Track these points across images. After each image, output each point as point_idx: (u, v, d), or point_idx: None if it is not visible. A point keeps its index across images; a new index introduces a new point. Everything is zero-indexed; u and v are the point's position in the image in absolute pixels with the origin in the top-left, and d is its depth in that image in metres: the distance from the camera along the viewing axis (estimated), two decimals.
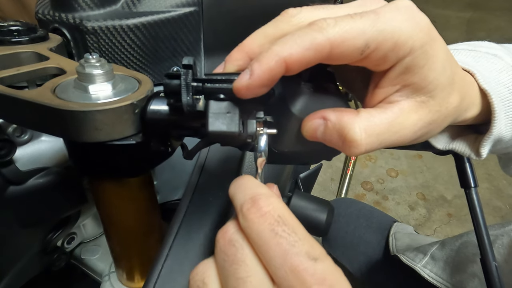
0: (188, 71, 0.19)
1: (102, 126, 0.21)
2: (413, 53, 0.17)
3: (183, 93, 0.19)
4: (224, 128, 0.19)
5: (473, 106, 0.22)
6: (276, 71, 0.16)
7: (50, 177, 0.30)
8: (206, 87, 0.19)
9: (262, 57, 0.17)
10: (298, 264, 0.14)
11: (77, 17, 0.31)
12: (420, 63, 0.17)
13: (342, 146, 0.18)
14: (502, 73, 0.24)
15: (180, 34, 0.35)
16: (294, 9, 0.19)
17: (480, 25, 2.60)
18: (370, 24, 0.16)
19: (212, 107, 0.19)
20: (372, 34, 0.16)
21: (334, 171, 1.50)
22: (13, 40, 0.28)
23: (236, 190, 0.18)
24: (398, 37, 0.16)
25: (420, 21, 0.17)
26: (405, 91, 0.18)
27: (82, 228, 0.43)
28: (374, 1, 0.19)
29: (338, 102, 0.20)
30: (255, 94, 0.18)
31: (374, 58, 0.17)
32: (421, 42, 0.16)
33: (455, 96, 0.19)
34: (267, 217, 0.16)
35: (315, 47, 0.16)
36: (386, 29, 0.16)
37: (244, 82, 0.17)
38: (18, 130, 0.29)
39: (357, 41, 0.16)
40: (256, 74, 0.17)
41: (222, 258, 0.17)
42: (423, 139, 0.21)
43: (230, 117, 0.19)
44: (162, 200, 0.44)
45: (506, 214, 1.35)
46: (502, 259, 0.42)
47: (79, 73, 0.22)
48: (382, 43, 0.16)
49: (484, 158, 0.25)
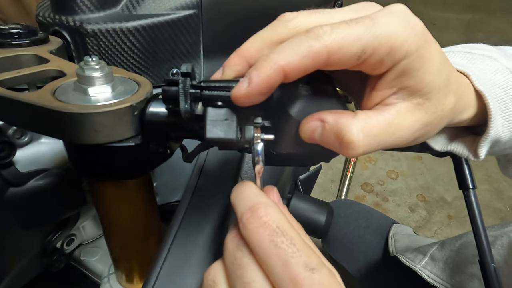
0: (186, 79, 0.19)
1: (101, 128, 0.21)
2: (408, 56, 0.17)
3: (181, 100, 0.19)
4: (222, 135, 0.19)
5: (469, 107, 0.22)
6: (274, 79, 0.17)
7: (50, 179, 0.30)
8: (204, 94, 0.19)
9: (260, 65, 0.17)
10: (297, 274, 0.15)
11: (77, 20, 0.31)
12: (416, 66, 0.17)
13: (340, 148, 0.19)
14: (497, 74, 0.24)
15: (179, 37, 0.35)
16: (291, 14, 0.19)
17: (480, 27, 2.60)
18: (366, 29, 0.16)
19: (210, 114, 0.19)
20: (368, 40, 0.16)
21: (334, 172, 1.50)
22: (13, 43, 0.28)
23: (236, 198, 0.19)
24: (393, 41, 0.16)
25: (415, 25, 0.17)
26: (401, 94, 0.18)
27: (82, 230, 0.43)
28: (369, 6, 0.19)
29: (335, 104, 0.20)
30: (254, 102, 0.18)
31: (371, 62, 0.17)
32: (416, 45, 0.17)
33: (450, 98, 0.20)
34: (266, 227, 0.17)
35: (312, 55, 0.16)
36: (381, 34, 0.16)
37: (242, 90, 0.17)
38: (18, 132, 0.30)
39: (353, 47, 0.16)
40: (254, 82, 0.17)
41: (230, 262, 0.18)
42: (420, 141, 0.21)
43: (228, 124, 0.19)
44: (161, 201, 0.44)
45: (506, 215, 1.35)
46: (502, 260, 0.42)
47: (78, 75, 0.22)
48: (378, 48, 0.16)
49: (482, 159, 0.25)
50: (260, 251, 0.16)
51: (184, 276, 0.24)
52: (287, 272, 0.16)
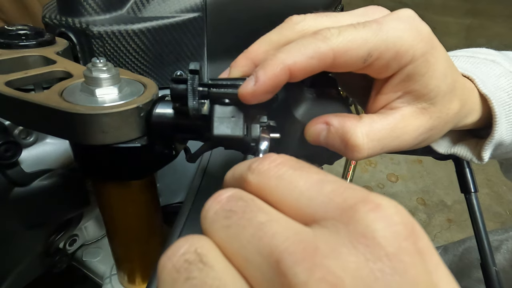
0: (194, 76, 0.19)
1: (108, 129, 0.22)
2: (414, 61, 0.17)
3: (190, 98, 0.19)
4: (228, 132, 0.19)
5: (473, 111, 0.23)
6: (281, 78, 0.17)
7: (55, 179, 0.30)
8: (212, 92, 0.19)
9: (267, 64, 0.17)
10: (353, 197, 0.11)
11: (84, 22, 0.31)
12: (421, 71, 0.17)
13: (345, 151, 0.19)
14: (501, 78, 0.24)
15: (184, 39, 0.35)
16: (298, 16, 0.19)
17: (480, 32, 2.62)
18: (373, 33, 0.16)
19: (217, 111, 0.19)
20: (375, 44, 0.16)
21: (334, 175, 1.50)
22: (21, 44, 0.28)
23: (234, 168, 0.15)
24: (400, 46, 0.16)
25: (422, 30, 0.17)
26: (406, 98, 0.19)
27: (84, 230, 0.43)
28: (376, 10, 0.19)
29: (340, 107, 0.21)
30: (260, 100, 0.18)
31: (377, 66, 0.17)
32: (422, 51, 0.17)
33: (455, 103, 0.20)
34: (286, 162, 0.13)
35: (319, 56, 0.16)
36: (388, 39, 0.16)
37: (249, 88, 0.17)
38: (24, 132, 0.30)
39: (360, 50, 0.16)
40: (261, 80, 0.17)
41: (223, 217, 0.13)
42: (424, 144, 0.21)
43: (234, 121, 0.19)
44: (163, 203, 0.44)
45: (506, 220, 1.35)
46: (508, 265, 0.42)
47: (86, 76, 0.23)
48: (384, 52, 0.17)
49: (485, 162, 0.25)
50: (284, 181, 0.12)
51: None
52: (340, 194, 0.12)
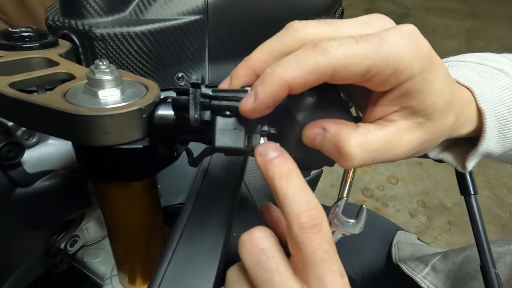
0: (196, 89, 0.19)
1: (110, 130, 0.22)
2: (412, 78, 0.17)
3: (191, 109, 0.20)
4: (230, 144, 0.20)
5: (468, 123, 0.23)
6: (280, 94, 0.17)
7: (56, 179, 0.31)
8: (213, 104, 0.20)
9: (266, 80, 0.17)
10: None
11: (86, 24, 0.31)
12: (419, 88, 0.17)
13: (337, 158, 0.19)
14: (505, 91, 0.24)
15: (185, 41, 0.35)
16: (300, 23, 0.19)
17: (480, 34, 2.62)
18: (374, 49, 0.16)
19: (219, 123, 0.20)
20: (374, 60, 0.16)
21: (334, 177, 1.50)
22: (24, 46, 0.28)
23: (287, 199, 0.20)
24: (399, 63, 0.16)
25: (422, 47, 0.17)
26: (403, 112, 0.19)
27: (85, 231, 0.43)
28: (379, 19, 0.19)
29: (341, 112, 0.21)
30: (261, 115, 0.18)
31: (375, 81, 0.17)
32: (420, 68, 0.17)
33: (450, 117, 0.20)
34: (323, 234, 0.19)
35: (318, 72, 0.16)
36: (388, 56, 0.16)
37: (249, 105, 0.18)
38: (27, 133, 0.30)
39: (359, 66, 0.16)
40: (260, 97, 0.17)
41: (252, 262, 0.19)
42: (416, 156, 0.22)
43: (236, 133, 0.20)
44: (164, 204, 0.44)
45: (507, 222, 1.35)
46: (504, 279, 0.42)
47: (89, 78, 0.23)
48: (383, 68, 0.16)
49: (469, 170, 0.25)
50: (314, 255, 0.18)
51: (189, 278, 0.24)
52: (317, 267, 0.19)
